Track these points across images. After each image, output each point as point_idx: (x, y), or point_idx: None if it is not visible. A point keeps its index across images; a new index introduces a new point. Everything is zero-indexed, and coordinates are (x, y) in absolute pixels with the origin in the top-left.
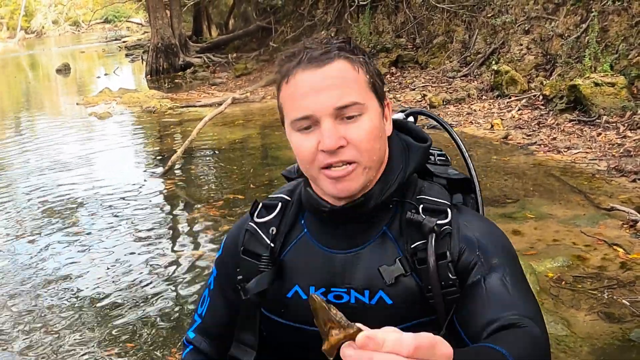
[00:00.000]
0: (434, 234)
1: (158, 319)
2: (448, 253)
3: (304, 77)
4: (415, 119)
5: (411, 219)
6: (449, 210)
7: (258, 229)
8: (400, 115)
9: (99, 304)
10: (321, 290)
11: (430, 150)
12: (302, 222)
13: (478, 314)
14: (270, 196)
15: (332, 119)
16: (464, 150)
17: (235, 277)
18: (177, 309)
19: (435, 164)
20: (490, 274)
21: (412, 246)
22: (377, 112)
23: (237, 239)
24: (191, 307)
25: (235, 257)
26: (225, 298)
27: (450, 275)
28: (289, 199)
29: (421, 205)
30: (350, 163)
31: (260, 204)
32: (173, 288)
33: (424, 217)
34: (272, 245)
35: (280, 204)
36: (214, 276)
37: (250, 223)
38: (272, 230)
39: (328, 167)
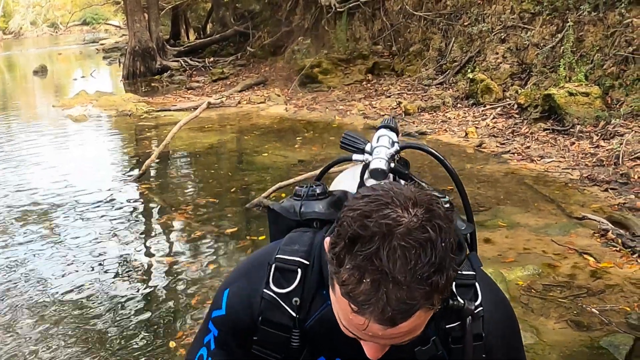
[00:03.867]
0: (470, 317)
1: (131, 325)
2: (483, 334)
3: (371, 327)
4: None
5: (453, 305)
6: (477, 285)
7: (279, 300)
8: (395, 149)
9: (69, 309)
10: None
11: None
12: (325, 293)
13: None
14: (282, 257)
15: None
16: (462, 188)
17: (247, 340)
18: (149, 315)
19: None
20: None
21: (448, 326)
22: (430, 315)
23: (248, 304)
24: (164, 313)
25: (247, 324)
26: (230, 358)
27: (482, 354)
28: (307, 262)
29: (454, 282)
30: None
31: (274, 267)
32: (146, 294)
33: (462, 302)
34: (298, 316)
35: (299, 270)
36: (214, 336)
37: (267, 291)
38: (296, 301)
39: None
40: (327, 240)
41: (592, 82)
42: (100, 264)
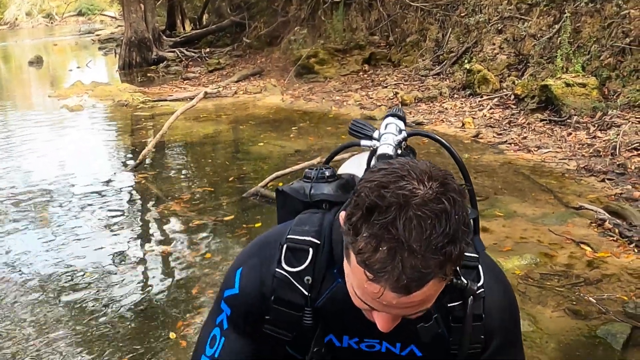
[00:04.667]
0: (472, 297)
1: (128, 314)
2: (483, 315)
3: (386, 295)
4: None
5: (456, 285)
6: (480, 267)
7: (292, 279)
8: (402, 136)
9: (66, 299)
10: (355, 339)
11: None
12: (335, 271)
13: None
14: (294, 237)
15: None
16: (467, 175)
17: (259, 320)
18: (147, 304)
19: None
20: (505, 351)
21: (449, 305)
22: (442, 287)
23: (260, 283)
24: (161, 300)
25: (260, 303)
26: (245, 338)
27: (480, 335)
28: (318, 242)
29: None
30: None
31: (285, 247)
32: (143, 283)
33: (466, 282)
34: (310, 295)
35: (311, 250)
36: (226, 315)
37: (279, 270)
38: (308, 280)
39: None
40: (343, 213)
41: (589, 73)
42: (96, 254)
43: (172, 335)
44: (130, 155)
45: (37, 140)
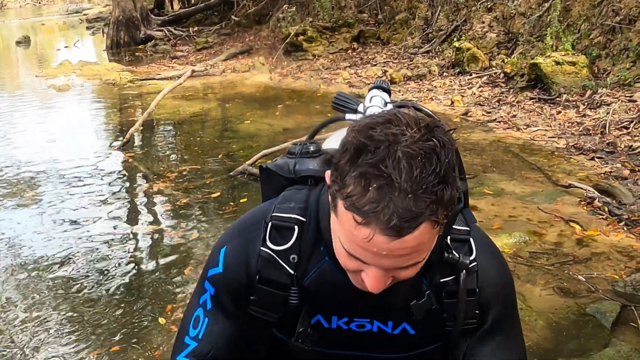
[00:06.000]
0: (465, 272)
1: (117, 292)
2: (477, 290)
3: (377, 240)
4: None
5: (447, 259)
6: (471, 240)
7: (277, 257)
8: (388, 108)
9: (52, 282)
10: (344, 319)
11: None
12: (322, 249)
13: None
14: (278, 214)
15: (385, 269)
16: (455, 147)
17: (243, 300)
18: (136, 283)
19: None
20: (503, 328)
21: (442, 280)
22: (435, 238)
23: (245, 262)
24: (150, 281)
25: (244, 282)
26: (229, 319)
27: (475, 310)
28: (304, 219)
29: (448, 236)
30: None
31: (270, 224)
32: (132, 262)
33: (458, 255)
34: (296, 274)
35: (296, 227)
36: (210, 295)
37: (264, 249)
38: (294, 259)
39: None
40: (329, 171)
41: (578, 52)
42: (84, 234)
43: (162, 320)
44: (118, 134)
45: (24, 119)
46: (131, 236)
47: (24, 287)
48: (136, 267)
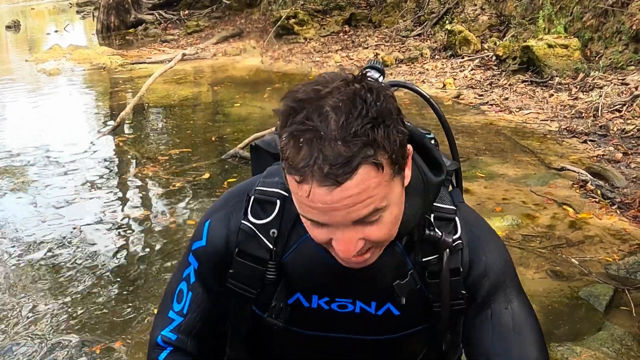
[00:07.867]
0: (448, 250)
1: (107, 277)
2: (461, 269)
3: (317, 193)
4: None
5: (429, 237)
6: (457, 219)
7: (257, 231)
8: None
9: (44, 263)
10: (325, 299)
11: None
12: (303, 225)
13: (483, 344)
14: (262, 188)
15: (349, 228)
16: (447, 126)
17: (225, 274)
18: (130, 268)
19: None
20: (497, 300)
21: (424, 259)
22: (399, 192)
23: (226, 236)
24: (141, 266)
25: (225, 256)
26: (210, 293)
27: (461, 290)
28: (287, 194)
29: (432, 214)
30: (368, 249)
31: (252, 198)
32: (123, 246)
33: (440, 233)
34: (275, 248)
35: (278, 202)
36: (194, 269)
37: (245, 222)
38: (273, 233)
39: None
40: None
41: (571, 35)
42: (75, 219)
43: (153, 306)
44: (108, 118)
45: (14, 104)
46: (122, 220)
47: (12, 273)
48: (127, 251)
